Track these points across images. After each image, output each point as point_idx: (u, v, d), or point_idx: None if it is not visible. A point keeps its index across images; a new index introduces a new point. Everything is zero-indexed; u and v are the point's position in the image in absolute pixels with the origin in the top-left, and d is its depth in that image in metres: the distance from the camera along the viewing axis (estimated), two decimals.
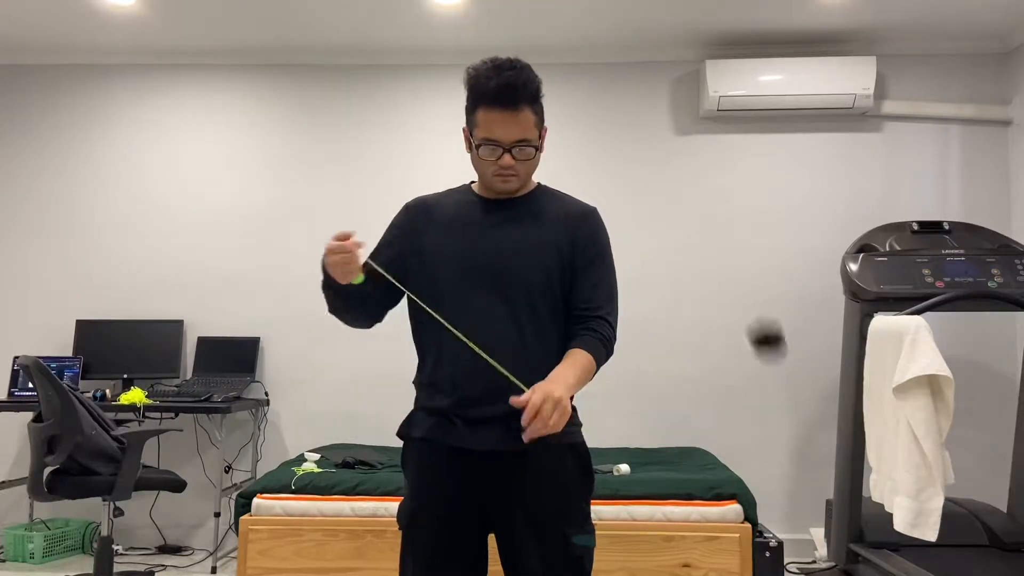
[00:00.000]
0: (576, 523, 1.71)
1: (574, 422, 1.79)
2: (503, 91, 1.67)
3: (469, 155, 1.79)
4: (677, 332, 4.44)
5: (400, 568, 1.76)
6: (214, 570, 3.92)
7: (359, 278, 1.68)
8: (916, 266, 3.40)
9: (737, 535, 3.17)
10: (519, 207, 1.81)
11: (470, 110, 1.74)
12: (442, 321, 1.70)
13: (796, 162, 4.48)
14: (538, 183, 1.88)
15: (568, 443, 1.75)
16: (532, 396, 1.51)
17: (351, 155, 4.61)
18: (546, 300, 1.74)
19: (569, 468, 1.74)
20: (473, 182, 1.89)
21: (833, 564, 3.53)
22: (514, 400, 1.53)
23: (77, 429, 3.18)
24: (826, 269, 4.42)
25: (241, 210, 4.60)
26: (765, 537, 3.32)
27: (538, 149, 1.74)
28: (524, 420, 1.51)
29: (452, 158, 4.58)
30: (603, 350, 1.74)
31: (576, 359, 1.68)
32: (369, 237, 4.54)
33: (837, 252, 4.43)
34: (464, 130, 1.79)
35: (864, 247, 3.57)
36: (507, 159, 1.70)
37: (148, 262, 4.59)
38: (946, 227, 3.64)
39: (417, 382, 1.85)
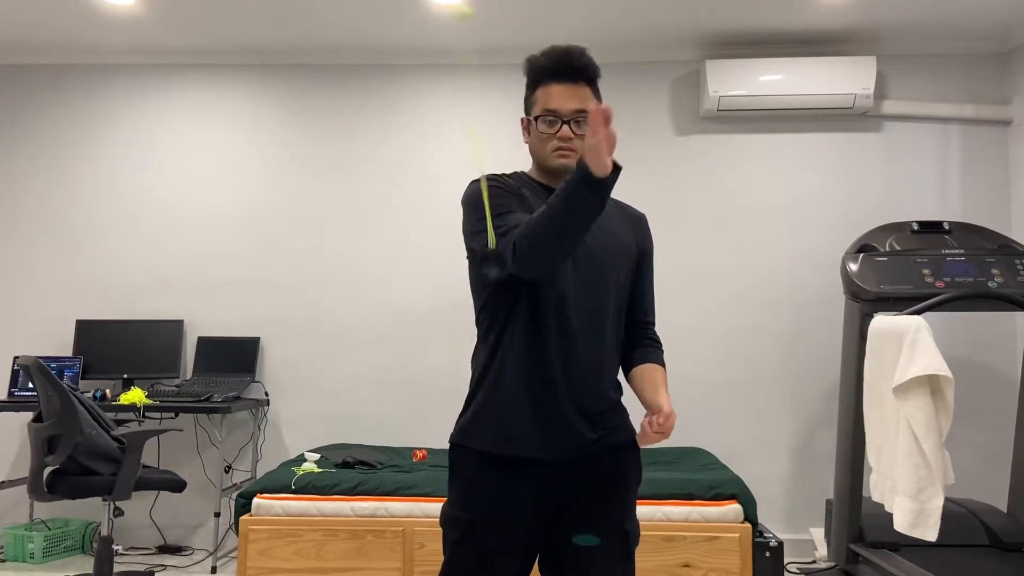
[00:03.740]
0: (632, 517, 1.74)
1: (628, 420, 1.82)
2: (562, 63, 1.68)
3: (526, 142, 1.78)
4: (677, 332, 4.44)
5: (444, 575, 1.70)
6: (214, 570, 3.92)
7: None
8: (916, 266, 3.40)
9: (737, 535, 3.17)
10: None
11: (529, 92, 1.74)
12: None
13: (796, 162, 4.48)
14: None
15: (631, 440, 1.78)
16: (669, 412, 1.64)
17: (351, 155, 4.61)
18: (622, 296, 1.78)
19: (631, 466, 1.77)
20: (521, 171, 1.84)
21: (833, 564, 3.53)
22: (653, 420, 1.62)
23: (77, 429, 3.18)
24: (826, 269, 4.42)
25: (241, 210, 4.61)
26: (765, 537, 3.32)
27: None
28: (655, 428, 1.61)
29: (452, 157, 4.58)
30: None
31: (664, 378, 1.79)
32: (368, 237, 4.55)
33: (837, 252, 4.43)
34: (523, 120, 1.78)
35: (864, 247, 3.57)
36: (566, 130, 1.68)
37: (148, 262, 4.59)
38: (946, 227, 3.64)
39: (485, 380, 1.71)
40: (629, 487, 1.75)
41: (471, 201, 1.71)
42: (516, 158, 4.53)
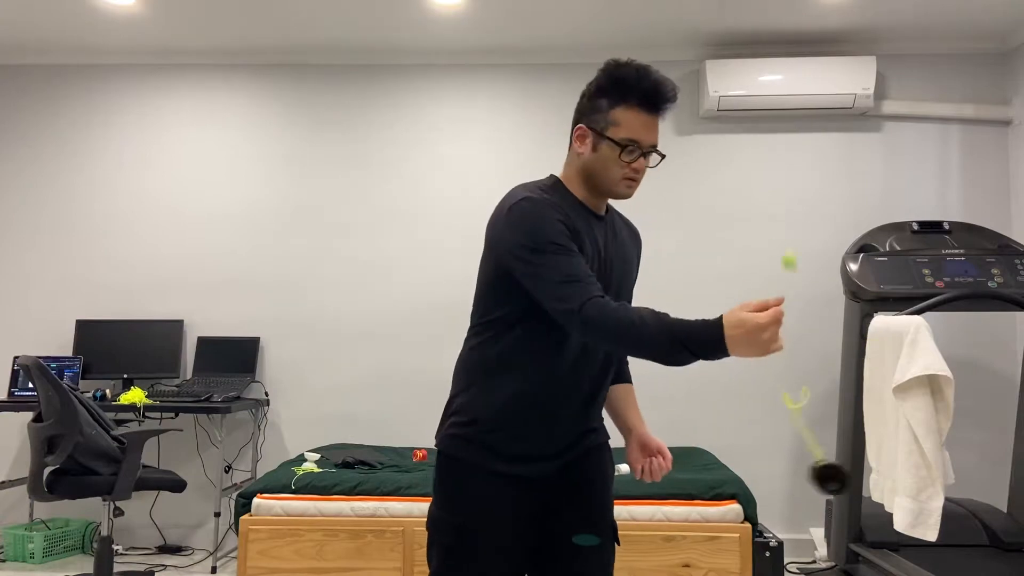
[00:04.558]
0: (613, 511, 1.78)
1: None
2: (660, 95, 1.62)
3: (582, 152, 1.68)
4: None
5: None
6: (214, 570, 3.92)
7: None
8: (916, 266, 3.40)
9: (737, 535, 3.17)
10: (611, 223, 1.77)
11: (606, 104, 1.64)
12: None
13: (796, 162, 4.48)
14: None
15: (605, 441, 1.81)
16: (667, 451, 1.77)
17: (351, 155, 4.61)
18: None
19: (608, 461, 1.80)
20: (554, 179, 1.73)
21: (833, 564, 3.53)
22: (661, 463, 1.75)
23: (77, 429, 3.18)
24: (826, 269, 4.42)
25: (241, 210, 4.60)
26: (765, 537, 3.32)
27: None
28: (664, 470, 1.75)
29: (451, 157, 4.58)
30: None
31: (635, 400, 1.90)
32: (368, 237, 4.55)
33: (837, 252, 4.43)
34: (583, 127, 1.68)
35: (864, 247, 3.57)
36: (642, 163, 1.66)
37: (148, 262, 4.59)
38: (946, 227, 3.64)
39: (481, 394, 1.67)
40: (608, 482, 1.78)
41: (542, 237, 1.55)
42: (520, 162, 4.53)
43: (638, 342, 1.45)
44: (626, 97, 1.63)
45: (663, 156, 1.69)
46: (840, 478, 1.49)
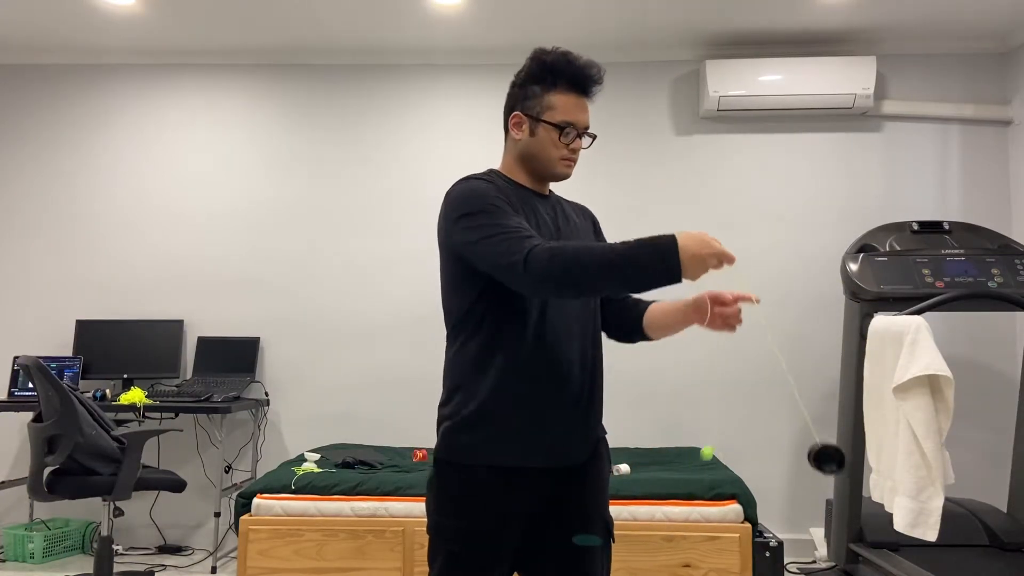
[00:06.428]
0: (608, 506, 1.77)
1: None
2: (589, 77, 1.70)
3: (519, 138, 1.74)
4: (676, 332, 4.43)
5: None
6: (214, 570, 3.92)
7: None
8: (916, 266, 3.40)
9: (737, 535, 3.17)
10: (556, 203, 1.82)
11: (539, 91, 1.71)
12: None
13: (796, 162, 4.48)
14: None
15: (603, 436, 1.82)
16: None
17: (351, 155, 4.61)
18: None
19: (605, 456, 1.80)
20: (493, 169, 1.79)
21: (833, 564, 3.53)
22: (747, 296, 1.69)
23: (77, 429, 3.18)
24: (826, 269, 4.42)
25: (241, 210, 4.60)
26: (765, 537, 3.32)
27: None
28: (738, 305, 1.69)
29: (451, 157, 4.58)
30: None
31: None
32: (368, 237, 4.55)
33: (837, 252, 4.43)
34: (519, 114, 1.73)
35: (864, 247, 3.58)
36: (578, 144, 1.73)
37: (148, 262, 4.59)
38: (946, 227, 3.64)
39: (479, 391, 1.65)
40: (605, 477, 1.78)
41: (478, 203, 1.60)
42: None
43: (588, 267, 1.45)
44: (557, 82, 1.70)
45: (594, 138, 1.79)
46: (837, 457, 1.53)
